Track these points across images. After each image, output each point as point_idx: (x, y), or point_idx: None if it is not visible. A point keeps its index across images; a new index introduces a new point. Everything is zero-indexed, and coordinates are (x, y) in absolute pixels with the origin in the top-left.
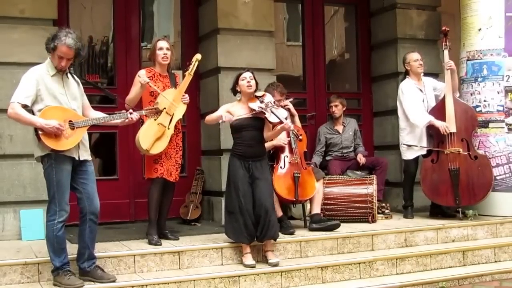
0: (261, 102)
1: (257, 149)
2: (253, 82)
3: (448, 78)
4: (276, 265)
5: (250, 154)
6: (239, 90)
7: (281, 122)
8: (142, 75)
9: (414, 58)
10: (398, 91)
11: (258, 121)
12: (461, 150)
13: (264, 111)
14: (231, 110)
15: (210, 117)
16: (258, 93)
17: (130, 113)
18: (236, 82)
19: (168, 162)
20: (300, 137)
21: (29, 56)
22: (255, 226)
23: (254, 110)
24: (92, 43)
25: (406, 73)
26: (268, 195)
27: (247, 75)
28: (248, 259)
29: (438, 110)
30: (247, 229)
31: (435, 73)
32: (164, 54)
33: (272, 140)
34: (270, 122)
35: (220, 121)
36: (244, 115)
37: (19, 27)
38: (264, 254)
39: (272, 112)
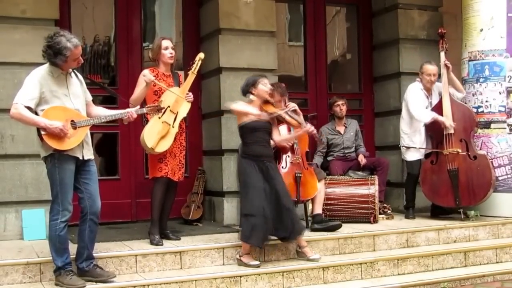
0: (275, 106)
1: (269, 149)
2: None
3: (445, 79)
4: (317, 260)
5: (265, 154)
6: (254, 93)
7: (300, 124)
8: (146, 74)
9: (428, 72)
10: (406, 90)
11: (269, 124)
12: (459, 150)
13: (282, 115)
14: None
15: (244, 108)
16: (271, 99)
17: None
18: (252, 85)
19: (173, 162)
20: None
21: (30, 56)
22: (278, 226)
23: (273, 112)
24: (94, 43)
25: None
26: (287, 194)
27: (267, 81)
28: (251, 259)
29: (436, 111)
30: (267, 231)
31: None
32: (171, 53)
33: (284, 143)
34: (291, 124)
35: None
36: (273, 113)
37: (20, 27)
38: (301, 251)
39: (291, 116)
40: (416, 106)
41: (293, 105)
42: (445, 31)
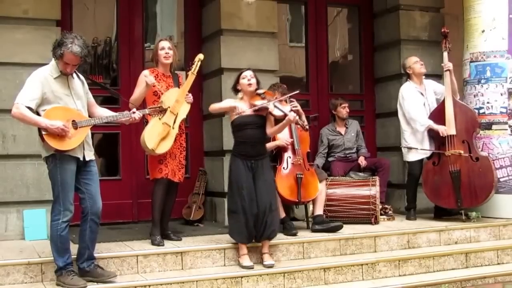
0: (263, 98)
1: (260, 148)
2: (253, 81)
3: (448, 80)
4: (270, 267)
5: (253, 153)
6: (240, 88)
7: (285, 115)
8: (148, 75)
9: (414, 60)
10: (399, 95)
11: (260, 118)
12: (462, 152)
13: (267, 106)
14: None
15: (217, 105)
16: (260, 91)
17: (133, 113)
18: (237, 81)
19: (173, 163)
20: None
21: (32, 57)
22: (255, 226)
23: (257, 105)
24: (95, 44)
25: (408, 77)
26: (267, 195)
27: (248, 73)
28: (246, 260)
29: (438, 113)
30: (248, 229)
31: (439, 75)
32: (166, 53)
33: (275, 135)
34: (274, 116)
35: (234, 113)
36: (251, 109)
37: (22, 28)
38: (261, 256)
39: (276, 106)
40: (414, 113)
41: (295, 105)
42: (448, 31)
